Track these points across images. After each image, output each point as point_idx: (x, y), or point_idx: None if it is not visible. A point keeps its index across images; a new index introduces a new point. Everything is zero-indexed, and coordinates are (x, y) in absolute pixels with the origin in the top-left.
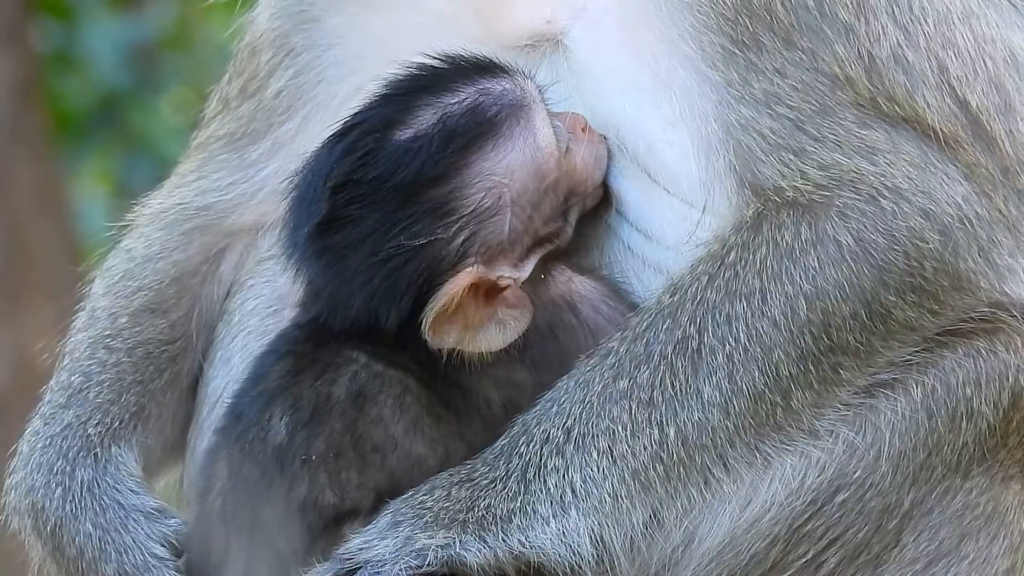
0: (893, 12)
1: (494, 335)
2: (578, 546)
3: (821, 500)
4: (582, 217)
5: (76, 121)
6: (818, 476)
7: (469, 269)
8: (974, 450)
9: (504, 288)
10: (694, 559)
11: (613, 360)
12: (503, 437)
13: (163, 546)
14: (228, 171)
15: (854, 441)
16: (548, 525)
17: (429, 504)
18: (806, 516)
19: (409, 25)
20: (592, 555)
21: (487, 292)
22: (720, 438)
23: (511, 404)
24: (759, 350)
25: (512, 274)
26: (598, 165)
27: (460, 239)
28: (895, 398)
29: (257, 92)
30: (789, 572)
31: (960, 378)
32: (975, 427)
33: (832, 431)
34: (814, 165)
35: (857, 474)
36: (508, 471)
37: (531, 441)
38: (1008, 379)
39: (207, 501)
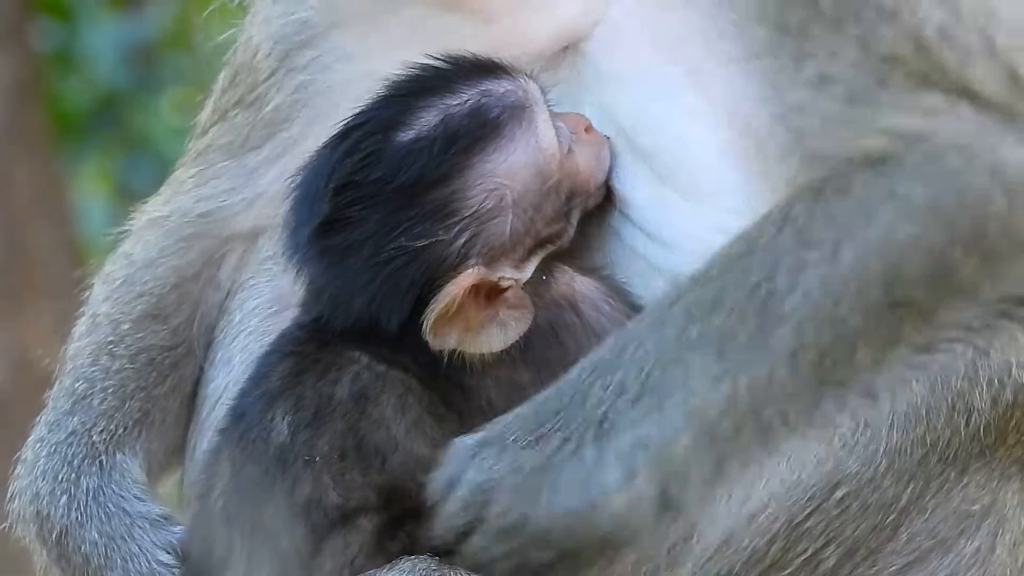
0: None
1: (495, 336)
2: (644, 506)
3: (820, 496)
4: (585, 217)
5: (76, 121)
6: (816, 471)
7: (470, 270)
8: (972, 447)
9: (505, 289)
10: (693, 555)
11: (685, 304)
12: (571, 376)
13: (168, 553)
14: (227, 178)
15: (852, 436)
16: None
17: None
18: (805, 513)
19: (415, 48)
20: (656, 511)
21: (488, 293)
22: (786, 392)
23: (513, 405)
24: (829, 301)
25: (513, 275)
26: (600, 166)
27: (461, 240)
28: (893, 394)
29: (255, 103)
30: (788, 570)
31: (960, 374)
32: (974, 424)
33: (889, 392)
34: (876, 131)
35: (855, 470)
36: (583, 424)
37: (606, 388)
38: (1009, 376)
39: (209, 501)
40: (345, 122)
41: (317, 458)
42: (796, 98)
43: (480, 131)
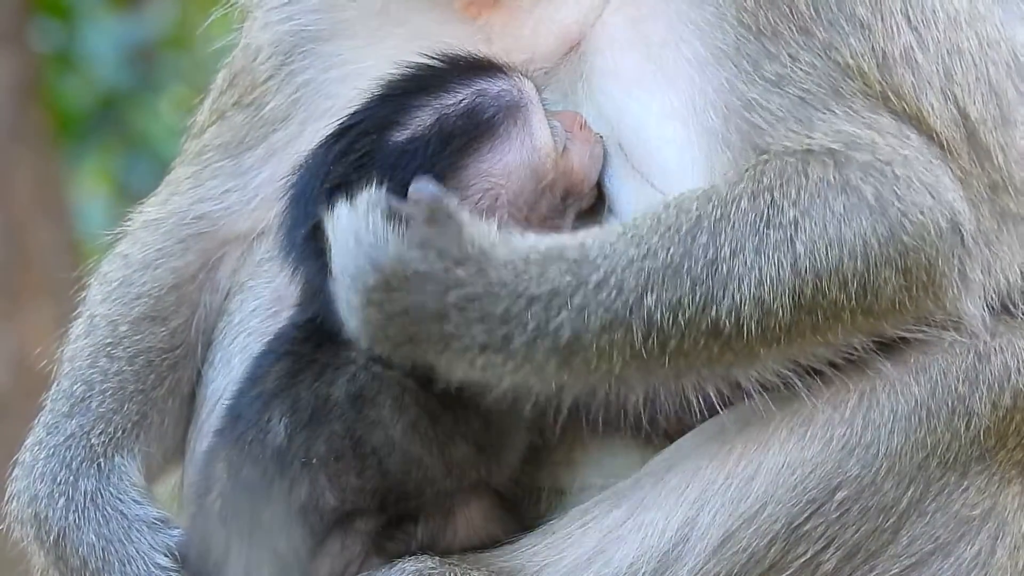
0: (907, 12)
1: None
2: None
3: (820, 499)
4: (578, 217)
5: (76, 121)
6: (816, 473)
7: None
8: (972, 450)
9: None
10: (692, 555)
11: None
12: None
13: (166, 556)
14: (223, 179)
15: (852, 439)
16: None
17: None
18: (805, 515)
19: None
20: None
21: None
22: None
23: (508, 402)
24: (770, 286)
25: None
26: (594, 164)
27: None
28: (894, 396)
29: (253, 104)
30: (787, 572)
31: (960, 378)
32: (974, 427)
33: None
34: (825, 131)
35: (855, 473)
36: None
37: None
38: (1008, 380)
39: (206, 502)
40: (340, 122)
41: (314, 460)
42: (750, 96)
43: (475, 131)
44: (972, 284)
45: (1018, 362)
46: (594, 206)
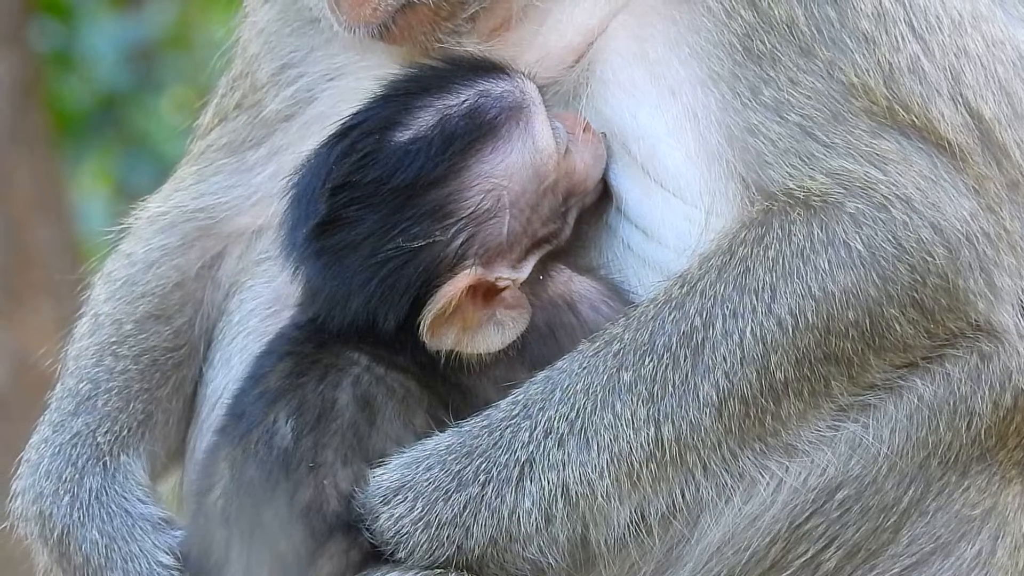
0: (911, 21)
1: (492, 336)
2: (558, 554)
3: (822, 498)
4: (582, 216)
5: (76, 121)
6: (820, 476)
7: (467, 271)
8: (973, 450)
9: (503, 289)
10: (693, 555)
11: (618, 348)
12: (501, 412)
13: (169, 555)
14: (225, 175)
15: (854, 438)
16: (531, 544)
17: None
18: (807, 514)
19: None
20: (570, 558)
21: (486, 293)
22: (710, 440)
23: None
24: (761, 348)
25: (511, 275)
26: (597, 165)
27: (459, 241)
28: (896, 396)
29: (255, 106)
30: (788, 571)
31: (962, 378)
32: (975, 427)
33: (811, 448)
34: (823, 171)
35: (856, 472)
36: (506, 462)
37: (534, 428)
38: (1010, 380)
39: (208, 501)
40: (342, 122)
41: (321, 466)
42: (750, 120)
43: (477, 132)
44: (1002, 292)
45: (1020, 362)
46: (599, 205)
